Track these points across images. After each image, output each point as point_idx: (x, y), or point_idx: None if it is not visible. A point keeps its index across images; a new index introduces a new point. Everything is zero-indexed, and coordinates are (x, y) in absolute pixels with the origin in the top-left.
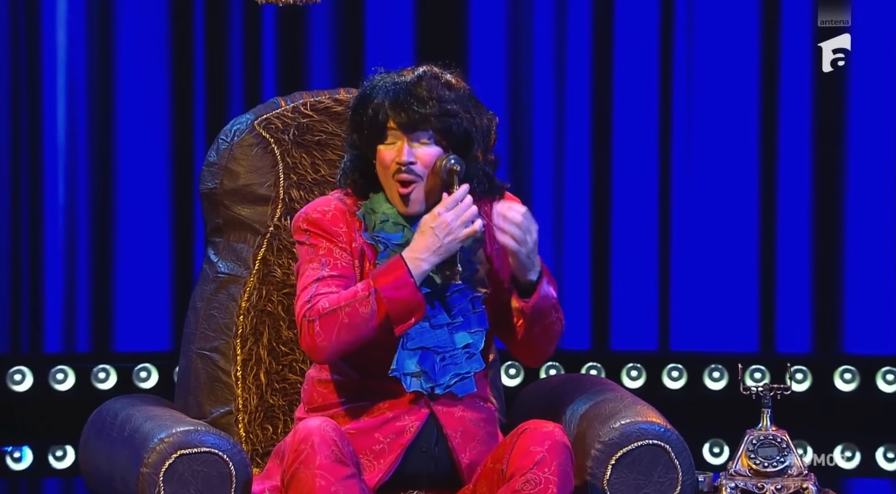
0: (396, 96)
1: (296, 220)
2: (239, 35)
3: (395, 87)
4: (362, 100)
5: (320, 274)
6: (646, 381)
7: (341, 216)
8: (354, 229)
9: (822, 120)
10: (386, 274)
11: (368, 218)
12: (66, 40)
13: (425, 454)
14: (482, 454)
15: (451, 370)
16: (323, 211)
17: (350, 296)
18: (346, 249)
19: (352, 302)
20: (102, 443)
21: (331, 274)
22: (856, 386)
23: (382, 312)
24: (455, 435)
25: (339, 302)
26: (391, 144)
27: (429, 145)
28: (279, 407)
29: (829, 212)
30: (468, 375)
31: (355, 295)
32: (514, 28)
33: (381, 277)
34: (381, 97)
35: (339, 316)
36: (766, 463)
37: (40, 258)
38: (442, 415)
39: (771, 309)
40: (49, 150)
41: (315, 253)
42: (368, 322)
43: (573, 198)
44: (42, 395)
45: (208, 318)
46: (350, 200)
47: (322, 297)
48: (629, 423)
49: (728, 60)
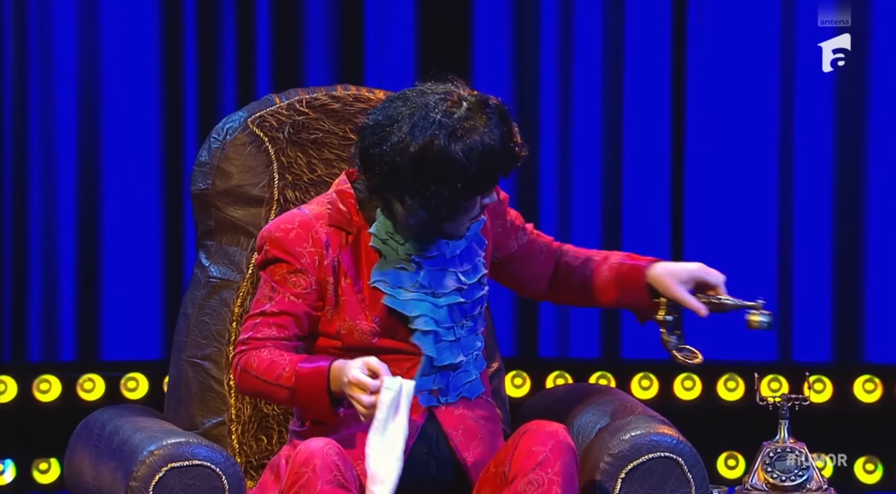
0: (486, 164)
1: (260, 236)
2: (231, 28)
3: (482, 155)
4: (482, 156)
5: (265, 307)
6: (658, 391)
7: (305, 233)
8: (322, 243)
9: (842, 120)
10: (309, 378)
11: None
12: (50, 32)
13: (427, 455)
14: (486, 453)
15: (463, 379)
16: (286, 229)
17: (273, 375)
18: (308, 270)
19: (272, 383)
20: (89, 456)
21: (272, 312)
22: (878, 396)
23: (295, 403)
24: (456, 434)
25: (264, 374)
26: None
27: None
28: (273, 417)
29: (851, 216)
30: (475, 379)
31: (278, 379)
32: (520, 23)
33: (303, 379)
34: (495, 157)
35: (258, 386)
36: (784, 477)
37: (23, 261)
38: (441, 414)
39: (789, 316)
40: (33, 150)
41: (272, 278)
42: (282, 402)
43: (581, 200)
44: (25, 406)
45: (200, 325)
46: (324, 212)
47: (254, 352)
48: (640, 435)
49: (744, 61)
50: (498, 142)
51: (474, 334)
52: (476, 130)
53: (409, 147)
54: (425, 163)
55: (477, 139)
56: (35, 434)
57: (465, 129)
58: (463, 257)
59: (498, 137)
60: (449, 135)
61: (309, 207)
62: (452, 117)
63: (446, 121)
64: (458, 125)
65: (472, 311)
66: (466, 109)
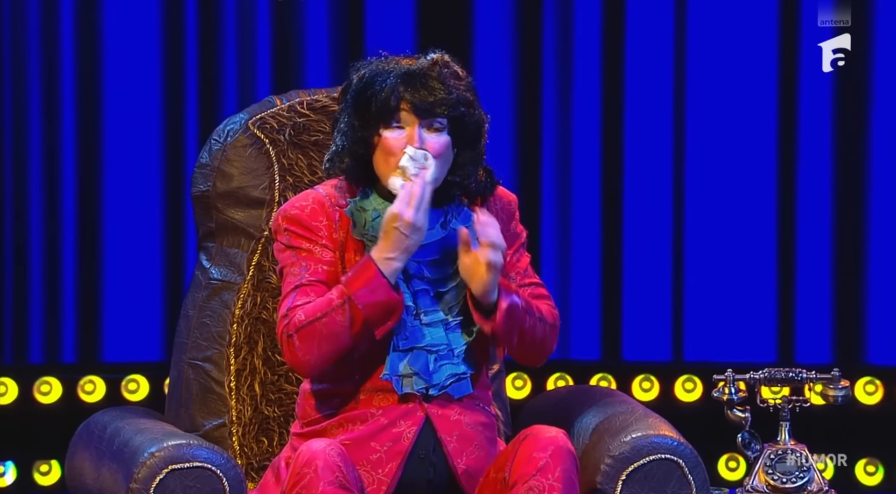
0: (412, 78)
1: (275, 219)
2: (233, 30)
3: (410, 69)
4: (369, 81)
5: (300, 280)
6: (658, 393)
7: (320, 209)
8: (335, 220)
9: (842, 121)
10: (357, 277)
11: (357, 215)
12: (51, 34)
13: (423, 460)
14: (481, 460)
15: (447, 370)
16: (301, 206)
17: (325, 305)
18: (328, 245)
19: (327, 311)
20: (90, 458)
21: (310, 281)
22: (879, 397)
23: (360, 318)
24: (450, 440)
25: (315, 312)
26: (397, 129)
27: (440, 133)
28: (274, 419)
29: (851, 216)
30: (465, 376)
31: (330, 304)
32: (520, 24)
33: (353, 282)
34: (394, 78)
35: (316, 327)
36: (785, 479)
37: (24, 263)
38: (437, 419)
39: (790, 318)
40: (34, 151)
41: (297, 256)
42: (347, 330)
43: (582, 200)
44: (26, 408)
45: (200, 327)
46: (334, 192)
47: (298, 309)
48: (641, 437)
49: (744, 61)
50: (408, 75)
51: (455, 331)
52: (397, 66)
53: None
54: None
55: (387, 68)
56: (36, 436)
57: (389, 64)
58: (431, 249)
59: (415, 72)
60: (369, 69)
61: (323, 188)
62: (391, 61)
63: (394, 61)
64: (402, 62)
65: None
66: (431, 60)
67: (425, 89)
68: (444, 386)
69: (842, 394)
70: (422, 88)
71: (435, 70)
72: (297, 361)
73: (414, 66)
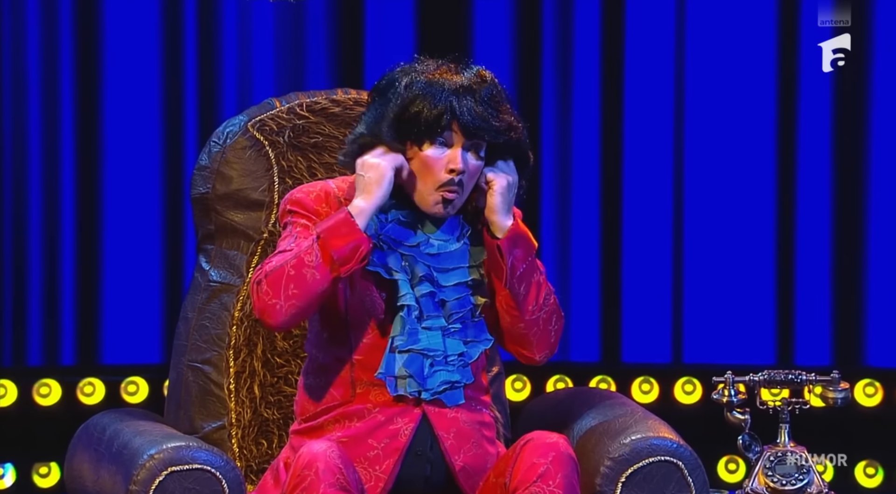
0: (465, 98)
1: (282, 205)
2: (232, 32)
3: (463, 86)
4: (421, 94)
5: (285, 247)
6: (658, 395)
7: (325, 197)
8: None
9: (842, 121)
10: (326, 221)
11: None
12: (51, 35)
13: (420, 457)
14: (478, 458)
15: (441, 376)
16: (307, 191)
17: (296, 250)
18: None
19: (297, 253)
20: (89, 460)
21: (290, 248)
22: (879, 400)
23: (327, 257)
24: (447, 437)
25: (286, 257)
26: (441, 147)
27: (479, 158)
28: (274, 421)
29: (851, 217)
30: (458, 385)
31: (300, 247)
32: (520, 25)
33: (322, 224)
34: (447, 96)
35: (285, 270)
36: (785, 481)
37: (23, 265)
38: (433, 416)
39: (789, 320)
40: (33, 153)
41: (291, 231)
42: (315, 270)
43: (581, 202)
44: (25, 410)
45: (200, 329)
46: (345, 188)
47: (272, 258)
48: (640, 439)
49: (744, 61)
50: (461, 94)
51: (454, 338)
52: (448, 81)
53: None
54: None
55: (437, 81)
56: (35, 438)
57: (429, 75)
58: (445, 258)
59: (468, 90)
60: (416, 79)
61: (335, 181)
62: (436, 72)
63: (443, 74)
64: (434, 75)
65: (455, 310)
66: (482, 79)
67: (479, 111)
68: (436, 391)
69: (841, 396)
70: (477, 110)
71: (485, 88)
72: (265, 306)
73: (464, 82)
